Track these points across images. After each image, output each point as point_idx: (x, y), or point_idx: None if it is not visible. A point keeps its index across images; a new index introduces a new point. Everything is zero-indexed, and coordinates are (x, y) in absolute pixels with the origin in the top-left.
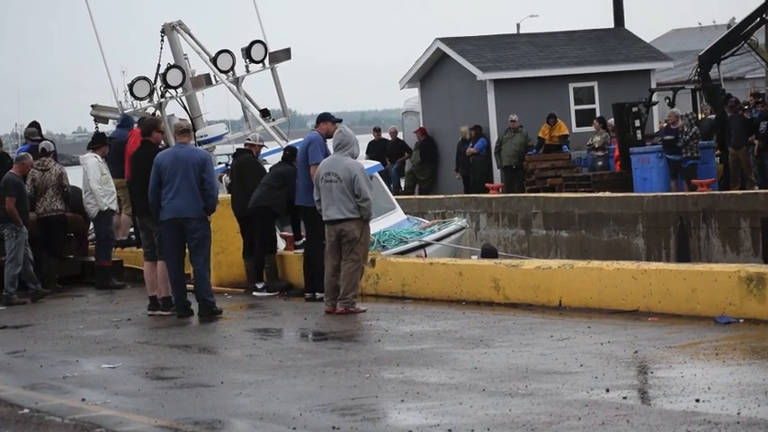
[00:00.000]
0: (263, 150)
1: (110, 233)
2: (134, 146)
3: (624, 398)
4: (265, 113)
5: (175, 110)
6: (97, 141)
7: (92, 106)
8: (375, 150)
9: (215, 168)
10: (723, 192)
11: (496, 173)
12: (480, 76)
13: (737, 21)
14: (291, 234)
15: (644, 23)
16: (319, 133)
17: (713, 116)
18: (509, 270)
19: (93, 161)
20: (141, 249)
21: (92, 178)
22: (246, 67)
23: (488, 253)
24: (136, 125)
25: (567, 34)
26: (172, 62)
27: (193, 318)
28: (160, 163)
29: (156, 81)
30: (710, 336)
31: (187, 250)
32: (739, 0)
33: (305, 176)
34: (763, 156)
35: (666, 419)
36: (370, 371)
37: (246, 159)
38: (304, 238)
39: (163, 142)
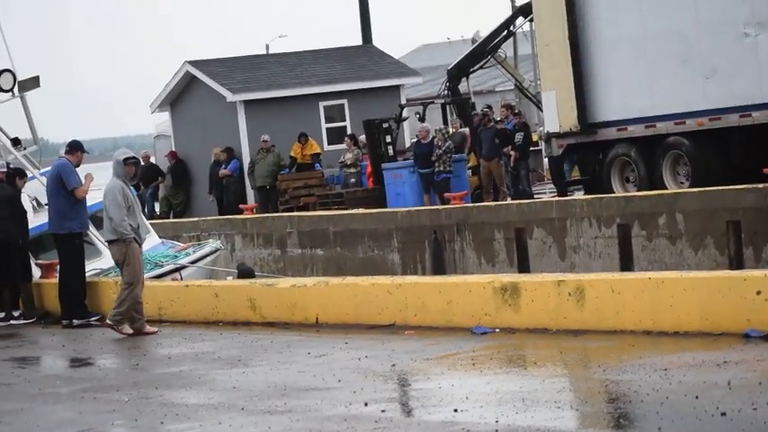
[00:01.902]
0: None
1: None
2: None
3: (383, 411)
4: (16, 142)
5: None
6: None
7: None
8: None
9: None
10: (476, 204)
11: (250, 193)
12: (230, 97)
13: (482, 34)
14: (48, 262)
15: (393, 40)
16: (69, 161)
17: (463, 129)
18: (265, 289)
19: None
20: None
21: None
22: None
23: (245, 273)
24: None
25: (315, 53)
26: None
27: None
28: None
29: None
30: (467, 346)
31: None
32: (488, 14)
33: (56, 203)
34: (518, 166)
35: (425, 430)
36: (129, 394)
37: None
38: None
39: None
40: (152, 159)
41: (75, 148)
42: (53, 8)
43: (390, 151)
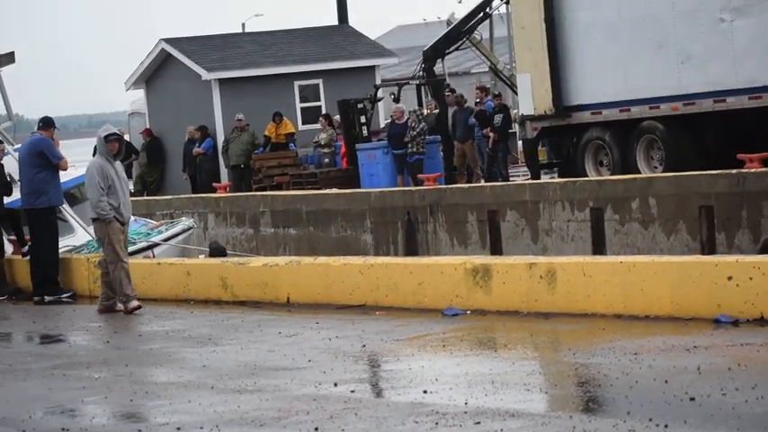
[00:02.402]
0: None
1: None
2: None
3: (352, 391)
4: None
5: None
6: None
7: None
8: None
9: None
10: (450, 186)
11: (224, 172)
12: (205, 75)
13: (457, 16)
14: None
15: (369, 21)
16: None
17: (438, 111)
18: (237, 268)
19: None
20: None
21: None
22: None
23: (217, 251)
24: None
25: (291, 32)
26: None
27: None
28: None
29: None
30: (438, 328)
31: None
32: None
33: (31, 178)
34: (496, 148)
35: (394, 411)
36: (99, 372)
37: None
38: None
39: None
40: (126, 137)
41: (48, 124)
42: None
43: (365, 132)
